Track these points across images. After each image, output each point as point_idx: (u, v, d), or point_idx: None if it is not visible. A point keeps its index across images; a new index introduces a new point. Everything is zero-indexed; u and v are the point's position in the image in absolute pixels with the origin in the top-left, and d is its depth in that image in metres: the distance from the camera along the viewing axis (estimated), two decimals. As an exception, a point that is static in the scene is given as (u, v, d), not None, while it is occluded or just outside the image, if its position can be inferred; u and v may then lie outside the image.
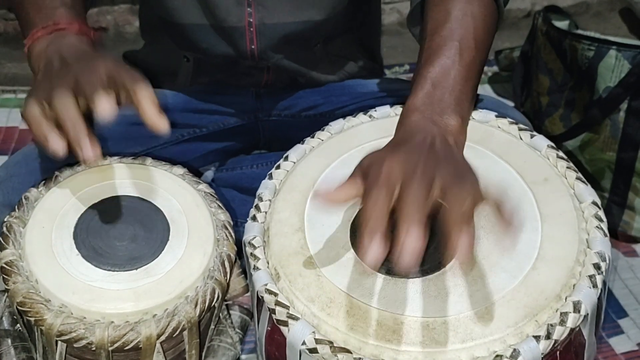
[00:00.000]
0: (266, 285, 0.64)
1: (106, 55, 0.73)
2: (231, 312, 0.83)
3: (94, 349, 0.66)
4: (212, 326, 0.77)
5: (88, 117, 0.68)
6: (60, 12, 0.79)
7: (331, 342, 0.59)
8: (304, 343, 0.59)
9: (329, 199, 0.62)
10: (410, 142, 0.65)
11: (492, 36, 0.79)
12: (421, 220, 0.55)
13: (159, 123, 0.66)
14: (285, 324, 0.61)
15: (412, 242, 0.54)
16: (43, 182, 0.75)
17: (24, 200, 0.73)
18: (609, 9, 1.94)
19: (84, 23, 0.81)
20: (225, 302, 0.81)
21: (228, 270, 0.72)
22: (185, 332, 0.69)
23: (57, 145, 0.65)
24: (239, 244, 0.72)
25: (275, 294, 0.63)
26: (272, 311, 0.62)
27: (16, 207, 0.73)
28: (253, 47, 0.95)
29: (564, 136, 1.24)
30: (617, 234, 1.21)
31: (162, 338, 0.67)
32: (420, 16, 0.81)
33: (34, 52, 0.77)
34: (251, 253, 0.67)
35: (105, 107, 0.65)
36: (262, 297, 0.63)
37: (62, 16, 0.79)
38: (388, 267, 0.62)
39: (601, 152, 1.20)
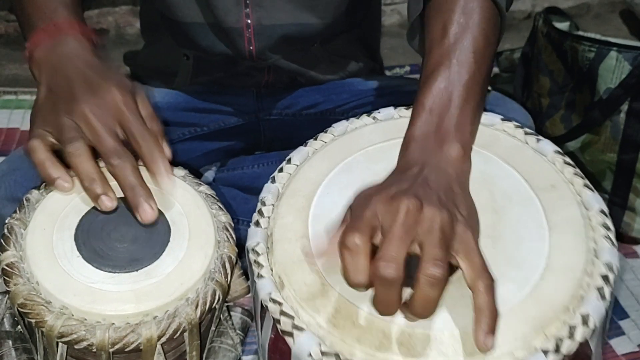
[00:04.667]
0: (270, 294, 0.62)
1: (113, 81, 0.73)
2: (232, 313, 0.83)
3: (94, 350, 0.66)
4: (213, 328, 0.77)
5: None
6: (60, 12, 0.79)
7: (337, 355, 0.58)
8: (309, 355, 0.58)
9: (325, 256, 0.62)
10: (403, 179, 0.62)
11: (495, 44, 0.74)
12: (396, 283, 0.55)
13: (166, 184, 0.71)
14: (291, 334, 0.59)
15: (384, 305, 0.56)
16: (44, 183, 0.75)
17: (25, 202, 0.73)
18: (610, 11, 1.94)
19: (84, 23, 0.80)
20: (226, 304, 0.81)
21: (229, 271, 0.72)
22: (186, 334, 0.69)
23: (64, 187, 0.71)
24: (240, 243, 0.72)
25: (280, 304, 0.61)
26: (277, 321, 0.61)
27: (17, 208, 0.73)
28: (251, 47, 0.95)
29: (565, 137, 1.24)
30: (618, 236, 1.21)
31: (163, 340, 0.67)
32: (420, 30, 0.79)
33: (35, 58, 0.77)
34: (255, 260, 0.65)
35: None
36: (267, 306, 0.62)
37: (61, 16, 0.78)
38: None
39: (602, 153, 1.20)
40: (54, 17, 0.79)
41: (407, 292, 0.57)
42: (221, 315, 0.79)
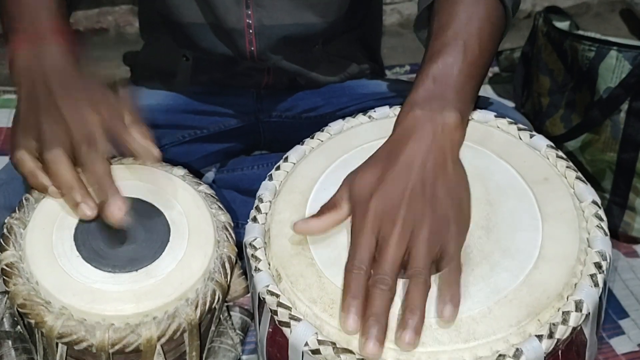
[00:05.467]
0: (268, 286, 0.63)
1: (95, 92, 0.73)
2: (232, 313, 0.83)
3: (94, 351, 0.65)
4: (213, 328, 0.77)
5: None
6: (42, 15, 0.78)
7: (334, 343, 0.59)
8: (306, 344, 0.59)
9: (311, 230, 0.66)
10: (400, 172, 0.66)
11: (498, 41, 0.79)
12: (387, 305, 0.59)
13: (151, 154, 0.71)
14: (288, 325, 0.61)
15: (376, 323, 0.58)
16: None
17: (24, 201, 0.73)
18: (610, 10, 1.94)
19: (66, 25, 0.79)
20: (226, 304, 0.81)
21: (229, 271, 0.72)
22: (185, 334, 0.69)
23: (58, 195, 0.70)
24: (239, 245, 0.72)
25: (277, 295, 0.63)
26: (274, 312, 0.62)
27: (17, 208, 0.73)
28: (252, 48, 0.95)
29: (565, 137, 1.24)
30: (618, 235, 1.21)
31: (163, 340, 0.67)
32: (427, 21, 0.81)
33: (16, 65, 0.76)
34: (252, 254, 0.67)
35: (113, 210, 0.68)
36: (264, 298, 0.63)
37: (43, 20, 0.77)
38: None
39: (602, 152, 1.20)
40: (36, 20, 0.77)
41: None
42: (221, 316, 0.79)
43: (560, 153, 0.71)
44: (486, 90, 1.56)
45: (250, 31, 0.94)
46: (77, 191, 0.69)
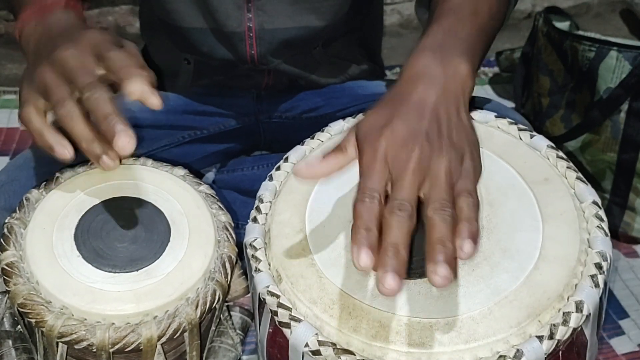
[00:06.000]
0: (268, 287, 0.63)
1: (93, 29, 0.71)
2: (232, 313, 0.83)
3: (94, 350, 0.66)
4: (213, 327, 0.77)
5: None
6: None
7: (334, 344, 0.59)
8: (306, 345, 0.59)
9: (314, 173, 0.62)
10: (411, 112, 0.62)
11: (504, 11, 0.78)
12: (406, 236, 0.54)
13: (152, 101, 0.65)
14: (288, 326, 0.61)
15: (393, 265, 0.53)
16: (44, 183, 0.75)
17: (24, 201, 0.73)
18: (610, 10, 1.94)
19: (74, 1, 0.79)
20: (226, 304, 0.81)
21: (229, 271, 0.72)
22: (186, 334, 0.69)
23: (64, 154, 0.66)
24: (239, 245, 0.72)
25: (277, 296, 0.63)
26: (274, 313, 0.62)
27: (17, 208, 0.73)
28: (253, 52, 0.95)
29: (565, 137, 1.24)
30: (618, 235, 1.21)
31: (163, 340, 0.67)
32: (429, 3, 0.80)
33: (24, 34, 0.76)
34: (252, 255, 0.67)
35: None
36: (264, 299, 0.63)
37: None
38: None
39: (602, 153, 1.20)
40: None
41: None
42: (221, 315, 0.80)
43: (561, 153, 0.71)
44: (486, 91, 1.56)
45: (251, 35, 0.94)
46: (97, 143, 0.66)
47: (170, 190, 0.75)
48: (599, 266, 0.61)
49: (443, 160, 0.59)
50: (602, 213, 0.66)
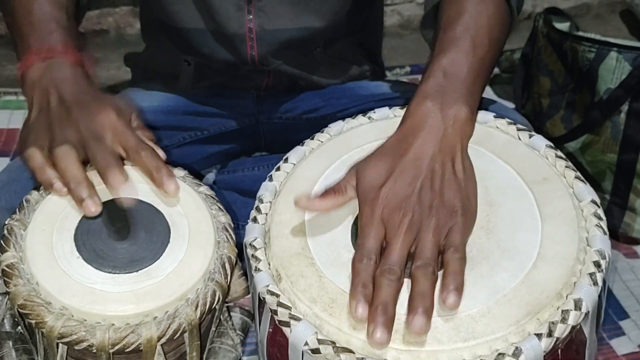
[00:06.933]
0: (268, 286, 0.64)
1: (105, 100, 0.75)
2: (232, 314, 0.83)
3: (94, 351, 0.66)
4: (213, 328, 0.77)
5: None
6: (55, 37, 0.79)
7: (334, 343, 0.59)
8: (306, 344, 0.59)
9: (312, 208, 0.67)
10: (408, 170, 0.66)
11: (505, 37, 0.79)
12: (394, 295, 0.60)
13: (169, 187, 0.71)
14: (288, 324, 0.61)
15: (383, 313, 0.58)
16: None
17: (24, 203, 0.73)
18: (610, 11, 1.94)
19: (79, 50, 0.80)
20: (226, 304, 0.81)
21: (229, 272, 0.72)
22: (186, 334, 0.69)
23: (62, 191, 0.70)
24: (239, 246, 0.72)
25: (277, 295, 0.63)
26: (274, 312, 0.62)
27: (17, 209, 0.73)
28: (253, 53, 0.95)
29: (565, 138, 1.24)
30: (618, 236, 1.21)
31: (163, 340, 0.67)
32: (434, 20, 0.81)
33: (28, 80, 0.77)
34: (252, 255, 0.67)
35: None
36: (264, 298, 0.63)
37: (57, 42, 0.78)
38: None
39: (602, 153, 1.20)
40: (50, 40, 0.78)
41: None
42: (221, 316, 0.79)
43: (559, 153, 0.72)
44: (486, 91, 1.55)
45: (252, 36, 0.94)
46: (84, 187, 0.69)
47: (176, 193, 0.75)
48: (597, 264, 0.62)
49: (432, 221, 0.63)
50: (600, 212, 0.66)
